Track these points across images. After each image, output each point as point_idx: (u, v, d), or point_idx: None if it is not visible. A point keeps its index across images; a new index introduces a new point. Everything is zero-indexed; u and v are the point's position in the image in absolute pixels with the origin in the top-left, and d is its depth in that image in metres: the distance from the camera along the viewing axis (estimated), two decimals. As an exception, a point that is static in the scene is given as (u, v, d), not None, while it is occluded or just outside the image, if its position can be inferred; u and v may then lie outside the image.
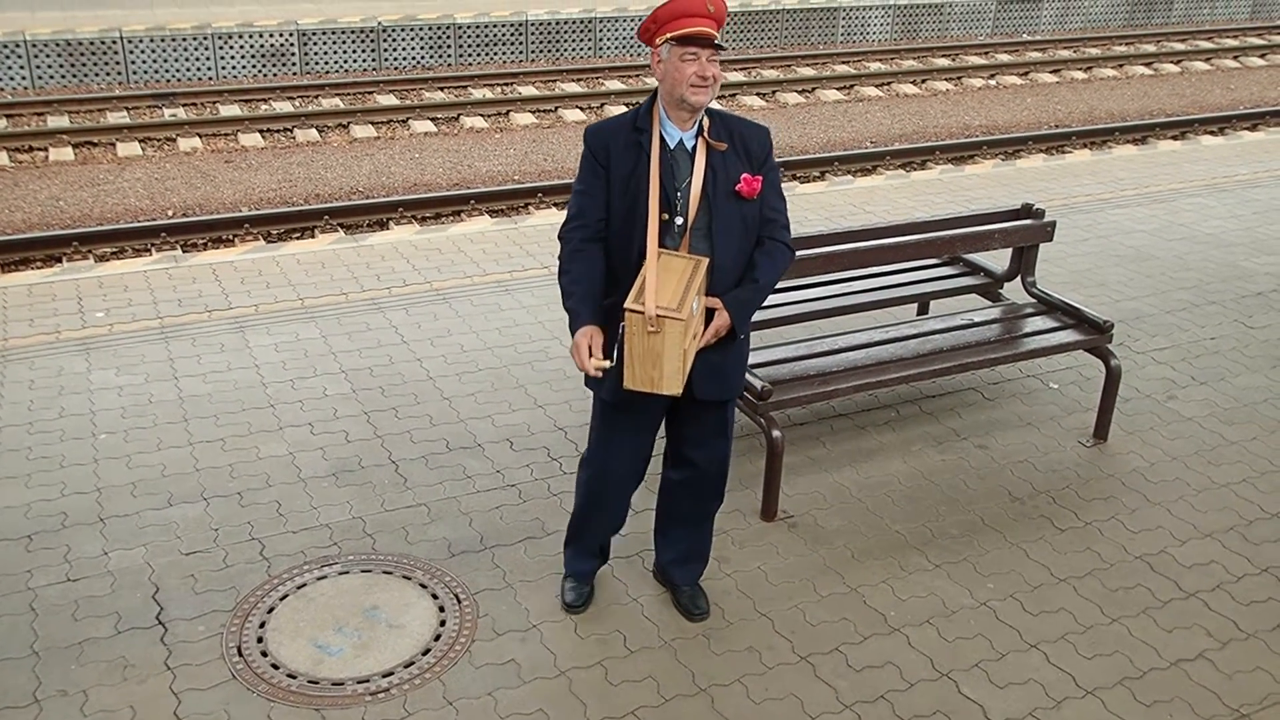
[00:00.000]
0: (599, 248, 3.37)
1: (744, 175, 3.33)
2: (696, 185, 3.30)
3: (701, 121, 3.32)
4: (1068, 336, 5.04)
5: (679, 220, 3.32)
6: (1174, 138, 12.72)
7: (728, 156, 3.33)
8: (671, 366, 3.17)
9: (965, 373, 5.09)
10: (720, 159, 3.32)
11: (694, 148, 3.32)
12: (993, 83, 15.57)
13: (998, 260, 5.61)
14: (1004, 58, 16.75)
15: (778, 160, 11.69)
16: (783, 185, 3.60)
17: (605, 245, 3.37)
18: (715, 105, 3.35)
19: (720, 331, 3.35)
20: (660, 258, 3.25)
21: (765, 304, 5.07)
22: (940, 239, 5.11)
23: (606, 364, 3.25)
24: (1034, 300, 5.36)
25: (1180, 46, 18.15)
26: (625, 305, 3.13)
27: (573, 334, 3.31)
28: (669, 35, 3.16)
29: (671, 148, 3.31)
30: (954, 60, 16.54)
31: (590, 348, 3.25)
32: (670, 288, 3.17)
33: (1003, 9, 18.86)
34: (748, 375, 4.37)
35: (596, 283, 3.35)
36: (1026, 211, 5.30)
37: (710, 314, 3.35)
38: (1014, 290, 5.51)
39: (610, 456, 3.65)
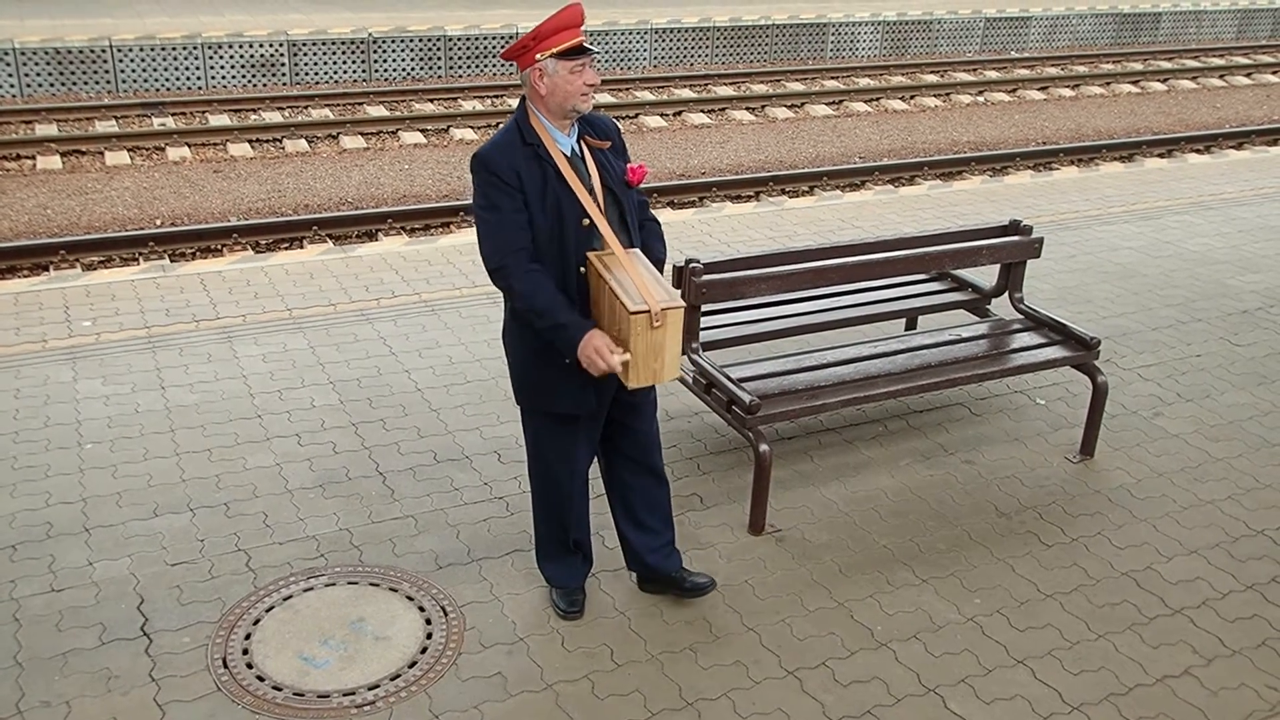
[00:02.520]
0: (538, 264, 3.39)
1: (628, 166, 3.51)
2: (598, 183, 3.43)
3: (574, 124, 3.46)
4: (1055, 353, 5.06)
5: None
6: (1161, 155, 12.81)
7: (606, 151, 3.48)
8: (671, 354, 3.33)
9: (953, 388, 5.10)
10: (602, 155, 3.47)
11: (581, 151, 3.45)
12: (981, 100, 15.66)
13: (985, 276, 5.64)
14: (992, 75, 16.85)
15: (769, 174, 11.69)
16: (770, 199, 3.67)
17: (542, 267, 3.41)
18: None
19: None
20: (607, 258, 3.36)
21: (755, 319, 5.14)
22: (928, 254, 5.13)
23: (627, 356, 3.31)
24: (1021, 316, 5.38)
25: (1167, 65, 18.28)
26: (631, 310, 3.21)
27: (575, 344, 3.33)
28: (554, 50, 3.27)
29: (568, 155, 3.41)
30: (942, 77, 16.63)
31: (609, 347, 3.32)
32: (647, 281, 3.30)
33: (991, 26, 18.98)
34: (737, 389, 4.39)
35: (565, 297, 3.39)
36: (1014, 228, 5.33)
37: None
38: (1001, 306, 5.53)
39: (576, 465, 3.72)
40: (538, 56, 3.28)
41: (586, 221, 3.38)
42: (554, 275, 3.39)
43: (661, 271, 3.49)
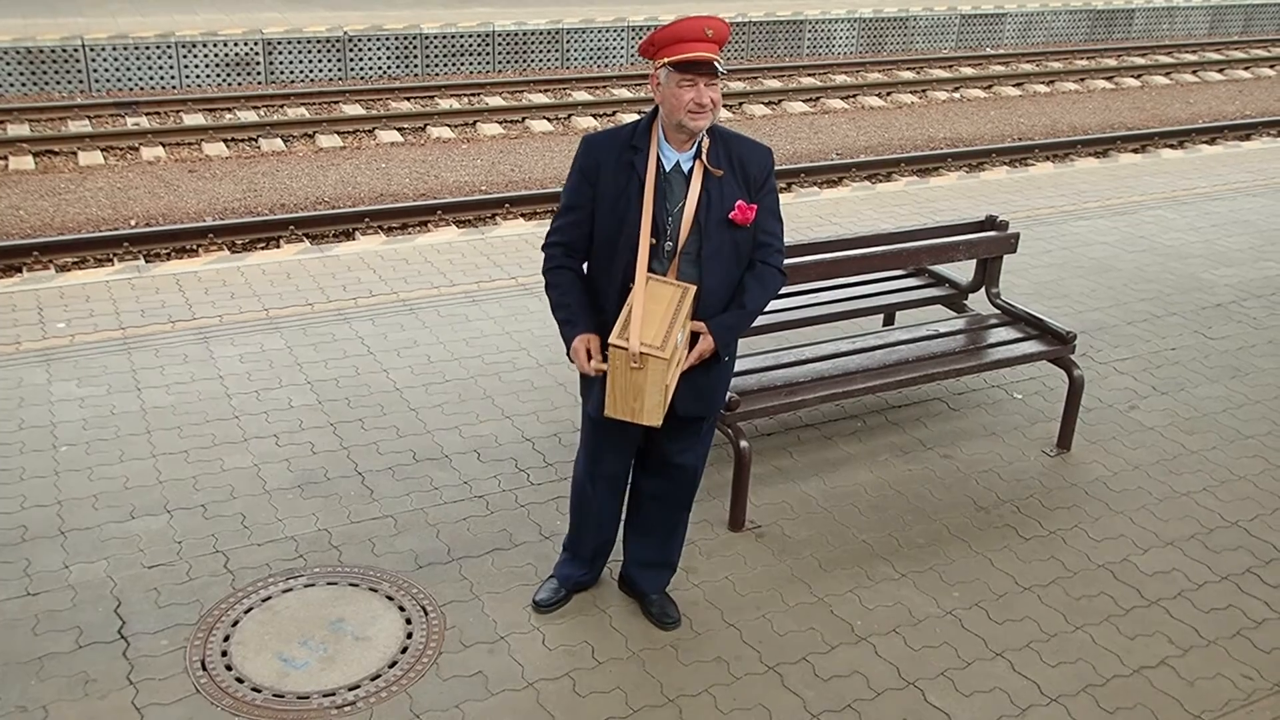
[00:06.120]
0: (578, 259, 3.39)
1: (739, 202, 3.29)
2: (689, 210, 3.27)
3: (701, 142, 3.28)
4: (1031, 347, 5.09)
5: (668, 244, 3.29)
6: (1135, 151, 12.89)
7: (724, 180, 3.29)
8: (652, 400, 3.18)
9: (930, 383, 5.13)
10: (716, 183, 3.28)
11: (690, 170, 3.28)
12: (957, 96, 15.72)
13: (962, 272, 5.67)
14: (967, 71, 16.92)
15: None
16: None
17: (582, 263, 3.40)
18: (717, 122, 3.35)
19: (704, 355, 3.35)
20: (648, 285, 3.22)
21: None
22: (905, 250, 5.15)
23: (605, 366, 3.24)
24: (998, 311, 5.41)
25: (1140, 61, 18.41)
26: (610, 340, 3.13)
27: (569, 341, 3.33)
28: (666, 60, 3.13)
29: (667, 170, 3.28)
30: (919, 73, 16.69)
31: (589, 351, 3.29)
32: (656, 320, 3.15)
33: (966, 23, 19.06)
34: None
35: (585, 294, 3.37)
36: (990, 223, 5.36)
37: (695, 337, 3.35)
38: (978, 301, 5.56)
39: (596, 466, 3.70)
40: (656, 63, 3.17)
41: (654, 241, 3.27)
42: (599, 277, 3.35)
43: (744, 323, 3.42)
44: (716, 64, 3.13)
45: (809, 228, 8.07)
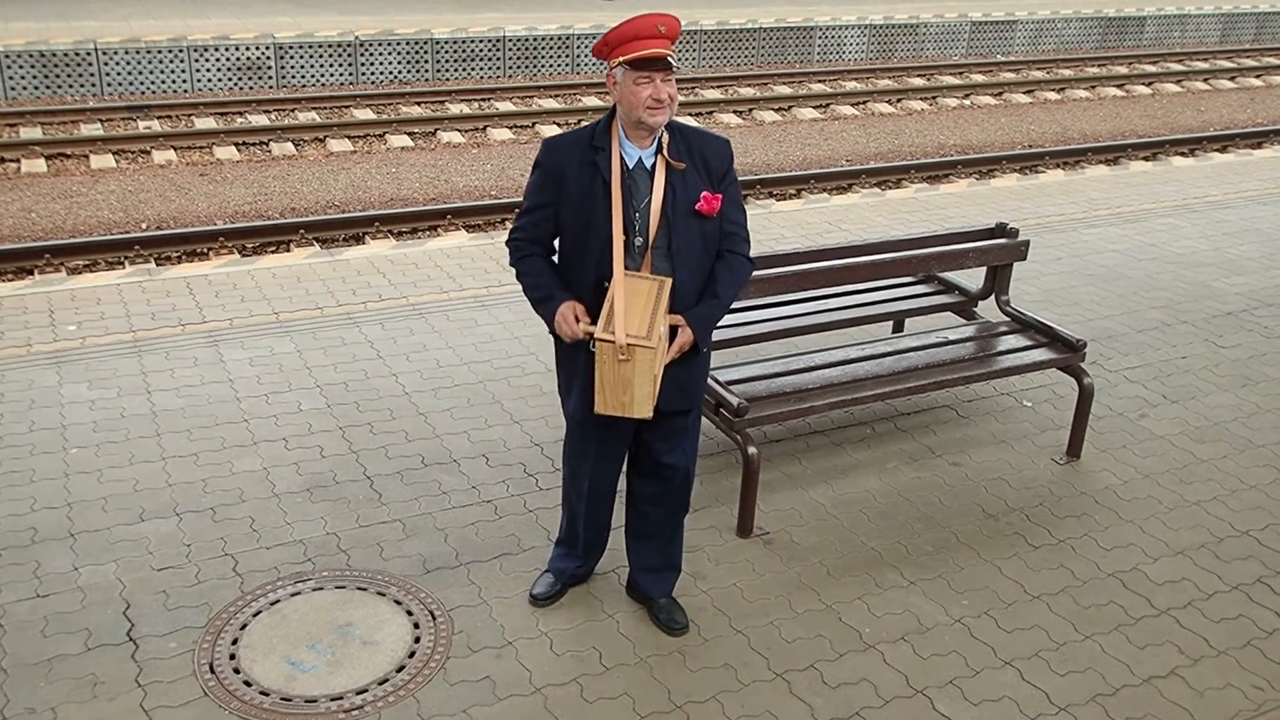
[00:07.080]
0: (543, 250, 3.46)
1: (704, 194, 3.37)
2: (656, 204, 3.33)
3: (660, 138, 3.35)
4: (1041, 355, 5.08)
5: (639, 240, 3.36)
6: (1146, 158, 12.87)
7: (687, 173, 3.36)
8: (642, 391, 3.23)
9: (940, 390, 5.12)
10: (680, 176, 3.35)
11: (653, 166, 3.35)
12: (967, 103, 15.71)
13: (972, 279, 5.65)
14: (978, 78, 16.90)
15: (756, 177, 11.66)
16: (757, 202, 3.62)
17: (549, 255, 3.46)
18: (676, 118, 3.40)
19: (684, 348, 3.41)
20: (625, 280, 3.28)
21: (743, 321, 5.13)
22: (915, 257, 5.15)
23: (594, 329, 3.27)
24: (1008, 319, 5.40)
25: (1151, 68, 18.37)
26: (596, 335, 3.18)
27: (552, 313, 3.36)
28: (621, 59, 3.20)
29: (630, 167, 3.34)
30: (929, 80, 16.68)
31: (575, 315, 3.32)
32: (638, 313, 3.22)
33: (977, 30, 19.04)
34: (725, 392, 4.39)
35: (557, 276, 3.43)
36: (1000, 230, 5.35)
37: (674, 331, 3.40)
38: (988, 309, 5.55)
39: (587, 466, 3.73)
40: (611, 62, 3.24)
41: (625, 237, 3.32)
42: (570, 278, 3.39)
43: (719, 313, 3.47)
44: (670, 60, 3.19)
45: (819, 234, 8.07)
